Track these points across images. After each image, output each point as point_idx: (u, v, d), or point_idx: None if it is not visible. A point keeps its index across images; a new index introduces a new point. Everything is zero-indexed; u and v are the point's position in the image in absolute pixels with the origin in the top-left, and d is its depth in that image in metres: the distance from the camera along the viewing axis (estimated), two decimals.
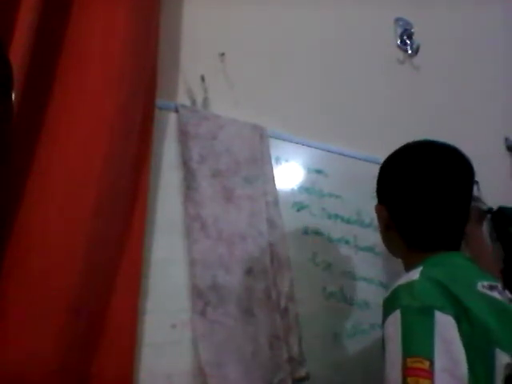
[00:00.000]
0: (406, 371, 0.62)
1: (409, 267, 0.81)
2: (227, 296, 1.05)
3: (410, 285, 0.72)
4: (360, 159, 1.39)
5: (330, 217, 1.30)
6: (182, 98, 1.17)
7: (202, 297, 1.03)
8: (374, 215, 1.36)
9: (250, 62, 1.29)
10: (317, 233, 1.26)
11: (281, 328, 1.09)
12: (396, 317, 0.68)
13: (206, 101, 1.19)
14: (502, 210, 1.57)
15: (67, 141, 0.89)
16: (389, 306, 0.72)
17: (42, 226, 0.85)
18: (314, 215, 1.27)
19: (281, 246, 1.17)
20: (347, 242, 1.31)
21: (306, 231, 1.25)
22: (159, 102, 1.09)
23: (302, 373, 1.12)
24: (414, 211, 0.83)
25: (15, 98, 0.75)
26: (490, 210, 1.51)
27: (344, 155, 1.36)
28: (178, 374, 1.00)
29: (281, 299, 1.12)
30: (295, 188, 1.26)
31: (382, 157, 1.40)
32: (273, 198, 1.20)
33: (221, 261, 1.07)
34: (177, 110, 1.13)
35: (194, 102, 1.18)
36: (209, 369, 0.99)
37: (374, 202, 1.41)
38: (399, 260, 1.43)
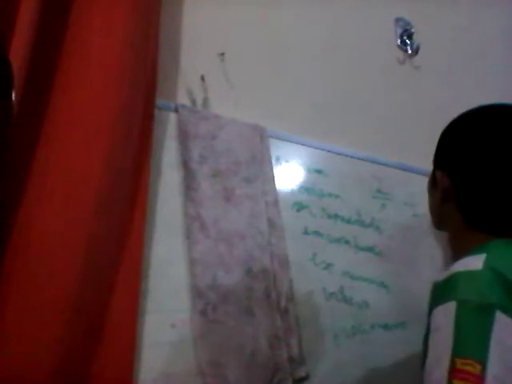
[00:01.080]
0: (454, 372, 0.56)
1: (463, 250, 0.71)
2: (227, 296, 1.05)
3: (470, 275, 0.63)
4: (360, 159, 1.39)
5: (329, 217, 1.30)
6: (182, 98, 1.17)
7: (202, 297, 1.03)
8: (374, 215, 1.37)
9: (249, 62, 1.29)
10: (317, 233, 1.26)
11: (281, 328, 1.09)
12: (450, 309, 0.60)
13: (205, 101, 1.19)
14: None
15: (67, 141, 0.89)
16: (442, 294, 0.64)
17: (42, 226, 0.85)
18: (313, 215, 1.27)
19: (281, 246, 1.17)
20: (347, 242, 1.31)
21: (306, 231, 1.25)
22: (159, 102, 1.09)
23: (301, 373, 1.12)
24: (487, 182, 0.71)
25: (15, 98, 0.75)
26: None
27: (344, 155, 1.36)
28: (177, 373, 1.00)
29: (281, 299, 1.12)
30: (295, 188, 1.26)
31: (382, 157, 1.42)
32: (273, 197, 1.20)
33: (221, 261, 1.07)
34: (177, 110, 1.13)
35: (193, 102, 1.18)
36: (209, 369, 1.00)
37: (374, 201, 1.42)
38: (399, 260, 1.43)
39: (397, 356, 1.28)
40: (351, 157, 1.37)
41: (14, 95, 0.71)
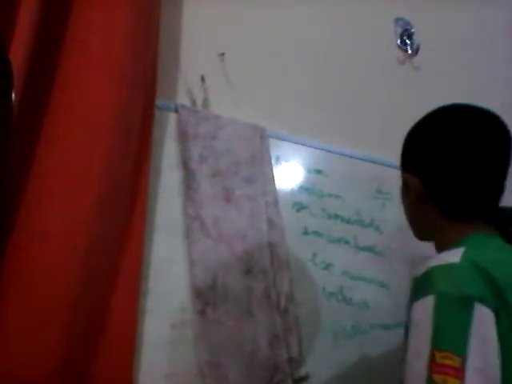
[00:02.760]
0: (433, 366, 0.56)
1: (444, 245, 0.72)
2: (227, 296, 1.05)
3: (448, 268, 0.63)
4: (360, 159, 1.39)
5: (330, 217, 1.30)
6: (182, 98, 1.17)
7: (202, 297, 1.03)
8: (374, 215, 1.37)
9: (249, 62, 1.29)
10: (317, 233, 1.26)
11: (281, 328, 1.09)
12: (428, 303, 0.60)
13: (206, 101, 1.19)
14: (501, 210, 1.57)
15: (67, 141, 0.89)
16: (421, 289, 0.64)
17: (42, 226, 0.85)
18: (313, 215, 1.27)
19: (281, 245, 1.17)
20: (347, 242, 1.31)
21: (305, 231, 1.25)
22: (159, 102, 1.09)
23: (301, 373, 1.12)
24: (455, 177, 0.74)
25: (15, 98, 0.75)
26: None
27: (344, 155, 1.36)
28: (178, 373, 1.00)
29: (281, 299, 1.12)
30: (295, 188, 1.26)
31: (382, 157, 1.42)
32: (273, 198, 1.20)
33: (221, 261, 1.07)
34: (177, 110, 1.13)
35: (194, 102, 1.18)
36: (209, 369, 1.00)
37: (374, 201, 1.42)
38: (399, 260, 1.43)
39: (396, 356, 1.27)
40: (351, 157, 1.37)
41: (13, 95, 0.71)
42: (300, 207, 1.26)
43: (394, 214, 1.39)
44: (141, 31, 0.99)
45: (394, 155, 1.43)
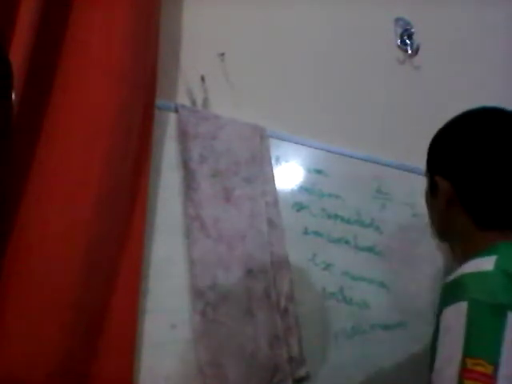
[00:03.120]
0: (465, 372, 0.56)
1: (469, 251, 0.72)
2: (227, 296, 1.05)
3: (481, 276, 0.64)
4: (360, 159, 1.39)
5: (329, 217, 1.29)
6: (182, 98, 1.17)
7: (202, 297, 1.03)
8: (374, 215, 1.37)
9: (250, 62, 1.29)
10: (317, 233, 1.26)
11: (281, 328, 1.09)
12: (461, 309, 0.61)
13: (206, 101, 1.19)
14: None
15: (67, 141, 0.89)
16: (452, 294, 0.64)
17: (42, 226, 0.85)
18: (313, 215, 1.27)
19: (281, 246, 1.17)
20: (347, 242, 1.31)
21: (305, 231, 1.25)
22: (159, 102, 1.09)
23: (301, 373, 1.12)
24: (488, 182, 0.73)
25: (15, 98, 0.75)
26: None
27: (344, 155, 1.36)
28: (177, 373, 1.00)
29: (281, 299, 1.12)
30: (295, 188, 1.26)
31: (382, 157, 1.42)
32: (273, 198, 1.20)
33: (221, 261, 1.07)
34: (177, 110, 1.13)
35: (194, 102, 1.18)
36: (209, 369, 1.00)
37: (374, 201, 1.42)
38: (399, 260, 1.43)
39: (397, 356, 1.28)
40: (351, 157, 1.37)
41: (13, 95, 0.71)
42: (300, 207, 1.26)
43: (394, 213, 1.39)
44: (141, 31, 0.99)
45: (394, 155, 1.44)
